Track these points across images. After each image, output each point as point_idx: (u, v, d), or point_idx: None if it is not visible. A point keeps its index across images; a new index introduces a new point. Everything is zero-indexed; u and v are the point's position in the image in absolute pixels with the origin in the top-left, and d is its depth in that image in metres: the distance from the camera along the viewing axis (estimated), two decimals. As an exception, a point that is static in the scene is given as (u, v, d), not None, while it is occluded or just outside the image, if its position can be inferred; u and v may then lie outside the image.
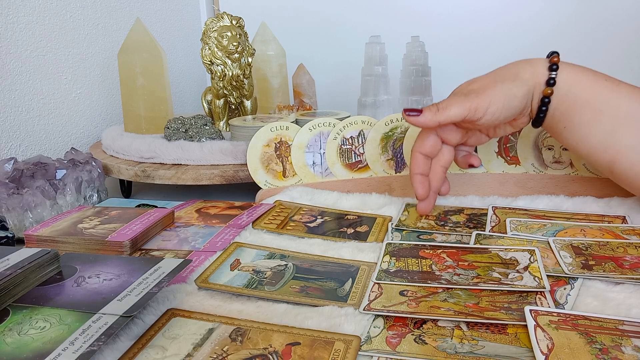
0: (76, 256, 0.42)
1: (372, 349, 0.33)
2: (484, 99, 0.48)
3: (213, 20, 0.83)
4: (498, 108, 0.49)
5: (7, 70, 0.76)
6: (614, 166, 0.50)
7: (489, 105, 0.49)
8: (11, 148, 0.78)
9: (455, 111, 0.49)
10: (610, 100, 0.48)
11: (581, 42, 1.11)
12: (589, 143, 0.50)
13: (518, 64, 0.51)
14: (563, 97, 0.49)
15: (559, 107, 0.50)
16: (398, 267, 0.44)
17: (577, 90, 0.49)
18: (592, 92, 0.49)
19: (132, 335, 0.35)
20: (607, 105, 0.48)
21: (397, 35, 0.97)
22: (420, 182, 0.53)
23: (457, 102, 0.49)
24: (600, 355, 0.31)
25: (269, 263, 0.46)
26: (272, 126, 0.67)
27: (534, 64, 0.51)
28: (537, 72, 0.50)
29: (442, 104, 0.49)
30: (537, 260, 0.43)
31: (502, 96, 0.49)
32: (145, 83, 0.84)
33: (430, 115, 0.49)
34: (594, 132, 0.49)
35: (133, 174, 0.73)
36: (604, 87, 0.49)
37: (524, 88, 0.49)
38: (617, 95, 0.48)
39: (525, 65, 0.51)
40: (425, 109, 0.49)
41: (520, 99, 0.50)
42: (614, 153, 0.49)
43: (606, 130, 0.48)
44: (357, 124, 0.68)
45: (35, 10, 0.81)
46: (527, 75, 0.50)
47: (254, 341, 0.34)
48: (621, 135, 0.48)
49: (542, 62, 0.50)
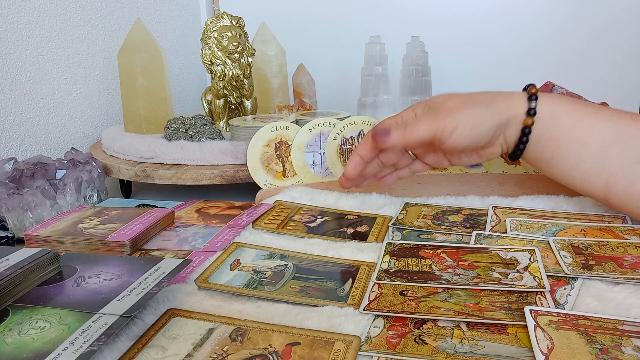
0: (76, 256, 0.42)
1: (372, 349, 0.33)
2: (451, 121, 0.47)
3: (213, 20, 0.83)
4: (464, 132, 0.47)
5: (7, 70, 0.76)
6: (609, 191, 0.49)
7: (456, 127, 0.47)
8: (11, 148, 0.78)
9: (423, 132, 0.48)
10: (592, 124, 0.47)
11: (581, 42, 1.11)
12: (580, 169, 0.49)
13: (497, 93, 0.50)
14: (545, 125, 0.48)
15: (542, 136, 0.49)
16: (398, 267, 0.44)
17: (560, 118, 0.48)
18: (575, 118, 0.48)
19: (132, 335, 0.35)
20: (590, 129, 0.47)
21: (397, 35, 0.97)
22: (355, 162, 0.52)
23: (425, 122, 0.48)
24: (600, 355, 0.31)
25: (269, 263, 0.46)
26: (272, 126, 0.67)
27: (512, 96, 0.49)
28: (515, 104, 0.48)
29: (410, 124, 0.48)
30: (537, 260, 0.43)
31: (471, 120, 0.47)
32: (145, 83, 0.84)
33: (397, 137, 0.48)
34: (584, 157, 0.48)
35: (133, 174, 0.73)
36: (584, 113, 0.48)
37: (495, 117, 0.48)
38: (599, 119, 0.48)
39: (504, 95, 0.50)
40: (393, 127, 0.49)
41: (489, 127, 0.48)
42: (607, 176, 0.48)
43: (596, 154, 0.48)
44: (357, 124, 0.68)
45: (35, 10, 0.81)
46: (504, 105, 0.48)
47: (254, 341, 0.34)
48: (612, 157, 0.47)
49: (520, 95, 0.49)
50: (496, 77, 1.17)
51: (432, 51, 0.94)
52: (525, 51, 1.14)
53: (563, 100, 0.49)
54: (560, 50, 1.13)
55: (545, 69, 1.13)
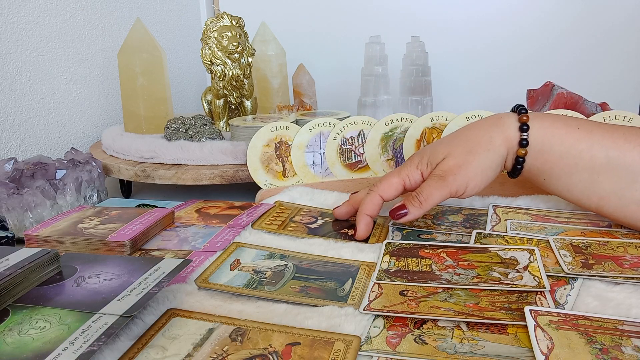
0: (76, 256, 0.42)
1: (372, 349, 0.33)
2: (461, 180, 0.49)
3: (213, 20, 0.83)
4: (477, 184, 0.49)
5: (7, 70, 0.76)
6: (601, 211, 0.50)
7: (468, 183, 0.49)
8: (11, 148, 0.78)
9: (437, 199, 0.49)
10: (584, 151, 0.48)
11: (582, 48, 1.11)
12: (570, 192, 0.50)
13: (489, 128, 0.51)
14: (537, 153, 0.50)
15: (534, 163, 0.50)
16: (398, 267, 0.44)
17: (551, 145, 0.49)
18: (566, 145, 0.49)
19: (132, 335, 0.35)
20: (581, 156, 0.48)
21: (397, 35, 0.97)
22: (367, 224, 0.52)
23: (437, 189, 0.49)
24: (600, 355, 0.31)
25: (269, 263, 0.46)
26: (272, 126, 0.67)
27: (504, 126, 0.50)
28: (509, 136, 0.50)
29: (423, 195, 0.49)
30: (536, 260, 0.43)
31: (479, 171, 0.49)
32: (145, 83, 0.84)
33: (417, 212, 0.49)
34: (574, 182, 0.49)
35: (133, 174, 0.73)
36: (576, 138, 0.48)
37: (498, 157, 0.50)
38: (591, 145, 0.48)
39: (496, 129, 0.50)
40: (408, 205, 0.50)
41: (496, 169, 0.50)
42: (597, 200, 0.49)
43: (585, 179, 0.49)
44: (357, 124, 0.68)
45: (35, 10, 0.81)
46: (499, 141, 0.50)
47: (254, 341, 0.34)
48: (601, 182, 0.48)
49: (512, 123, 0.50)
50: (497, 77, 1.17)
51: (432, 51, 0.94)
52: (526, 53, 1.14)
53: (554, 126, 0.49)
54: (562, 55, 1.13)
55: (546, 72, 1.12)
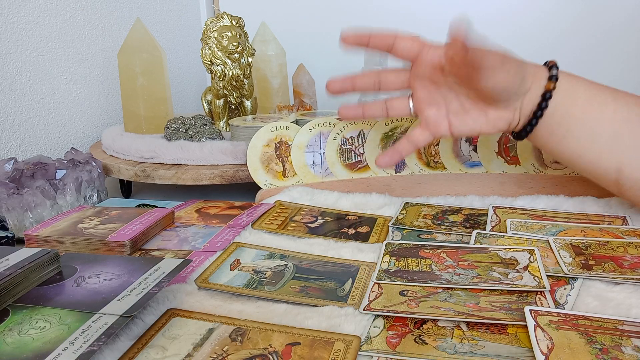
0: (76, 256, 0.42)
1: (372, 349, 0.33)
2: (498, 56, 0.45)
3: (213, 20, 0.83)
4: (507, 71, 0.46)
5: (7, 70, 0.76)
6: (621, 174, 0.48)
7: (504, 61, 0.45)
8: (11, 148, 0.78)
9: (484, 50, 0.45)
10: (608, 103, 0.48)
11: (582, 48, 1.11)
12: (593, 147, 0.48)
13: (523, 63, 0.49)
14: (563, 97, 0.47)
15: (557, 111, 0.48)
16: (398, 267, 0.44)
17: (577, 90, 0.48)
18: (593, 92, 0.48)
19: (132, 335, 0.35)
20: (606, 108, 0.48)
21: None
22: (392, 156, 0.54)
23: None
24: (600, 355, 0.31)
25: (269, 263, 0.46)
26: (272, 126, 0.67)
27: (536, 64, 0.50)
28: (539, 70, 0.49)
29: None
30: (536, 260, 0.43)
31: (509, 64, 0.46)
32: (145, 83, 0.84)
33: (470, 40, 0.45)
34: (600, 132, 0.47)
35: (133, 174, 0.73)
36: (600, 89, 0.48)
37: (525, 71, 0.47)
38: (615, 98, 0.48)
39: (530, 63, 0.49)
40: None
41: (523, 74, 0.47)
42: (619, 153, 0.47)
43: (609, 132, 0.47)
44: (357, 123, 0.67)
45: (35, 10, 0.81)
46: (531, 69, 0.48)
47: (254, 341, 0.34)
48: (625, 139, 0.47)
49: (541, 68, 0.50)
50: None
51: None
52: (526, 53, 1.13)
53: (580, 77, 0.49)
54: (562, 55, 1.13)
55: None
